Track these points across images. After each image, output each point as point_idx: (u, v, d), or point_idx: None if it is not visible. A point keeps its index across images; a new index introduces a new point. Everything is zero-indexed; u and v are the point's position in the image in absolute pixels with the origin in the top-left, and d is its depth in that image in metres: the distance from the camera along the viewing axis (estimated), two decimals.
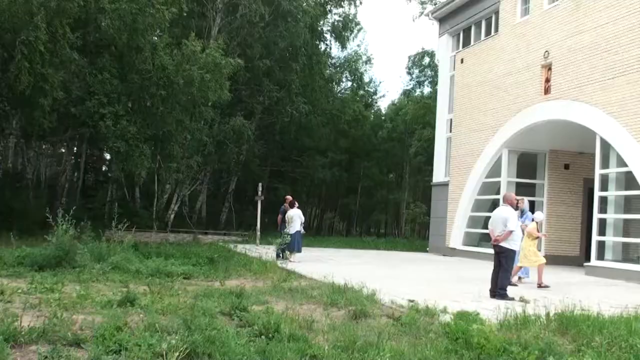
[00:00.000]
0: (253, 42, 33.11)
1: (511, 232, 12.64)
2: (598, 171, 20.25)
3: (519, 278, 16.29)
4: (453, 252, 27.50)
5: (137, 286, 11.17)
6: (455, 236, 27.79)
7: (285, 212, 20.93)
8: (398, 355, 6.69)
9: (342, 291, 11.20)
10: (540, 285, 14.91)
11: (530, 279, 16.31)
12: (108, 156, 36.59)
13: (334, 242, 32.81)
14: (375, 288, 11.45)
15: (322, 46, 43.05)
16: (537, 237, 16.11)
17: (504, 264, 12.75)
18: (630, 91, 18.66)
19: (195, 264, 15.60)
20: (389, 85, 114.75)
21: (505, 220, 12.72)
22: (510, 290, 12.81)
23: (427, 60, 49.66)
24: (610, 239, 19.78)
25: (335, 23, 42.72)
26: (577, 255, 24.53)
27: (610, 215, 19.85)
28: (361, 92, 49.96)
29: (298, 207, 20.85)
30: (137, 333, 6.95)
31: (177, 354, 6.14)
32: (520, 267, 15.83)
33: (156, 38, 24.79)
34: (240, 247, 22.67)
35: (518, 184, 25.27)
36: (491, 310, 9.74)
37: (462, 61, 28.79)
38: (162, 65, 23.39)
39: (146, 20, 22.25)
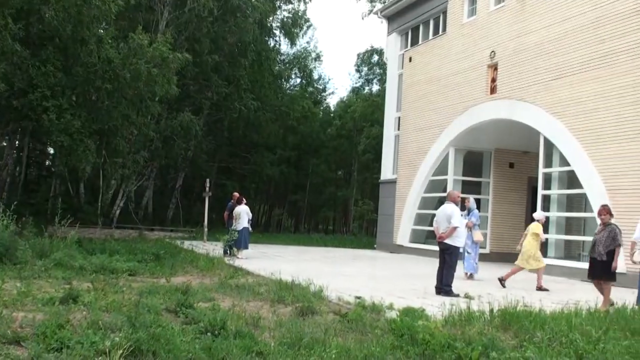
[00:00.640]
0: (201, 36, 32.77)
1: (455, 228, 12.81)
2: (541, 170, 20.67)
3: (470, 274, 16.48)
4: (400, 249, 27.73)
5: (80, 283, 10.97)
6: (403, 233, 28.03)
7: (232, 209, 20.79)
8: (344, 352, 6.70)
9: (289, 288, 11.20)
10: (540, 288, 14.61)
11: (479, 276, 16.59)
12: (51, 150, 35.75)
13: (282, 239, 32.78)
14: (322, 285, 11.48)
15: (272, 42, 42.95)
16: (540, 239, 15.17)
17: (448, 261, 12.90)
18: (572, 92, 19.09)
19: (140, 261, 15.39)
20: (338, 82, 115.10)
21: (449, 217, 12.89)
22: (455, 286, 12.96)
23: (376, 58, 49.98)
24: (552, 236, 20.18)
25: (285, 19, 42.64)
26: None
27: (553, 214, 20.26)
28: (310, 89, 50.02)
29: (246, 204, 20.75)
30: (79, 331, 6.84)
31: (121, 351, 6.03)
32: (521, 269, 15.09)
33: (102, 31, 24.29)
34: (187, 244, 22.45)
35: (464, 182, 25.64)
36: (436, 307, 9.86)
37: (410, 60, 29.02)
38: (108, 59, 22.96)
39: (91, 12, 21.78)
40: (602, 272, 11.66)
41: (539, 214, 15.76)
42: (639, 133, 16.88)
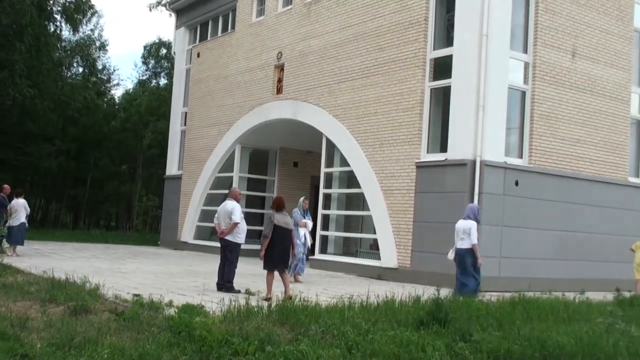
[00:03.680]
0: None
1: (236, 224, 12.93)
2: (323, 170, 21.43)
3: (294, 276, 16.05)
4: (184, 246, 27.44)
5: None
6: (187, 230, 27.77)
7: (2, 203, 19.38)
8: (118, 351, 6.50)
9: (62, 286, 10.60)
10: None
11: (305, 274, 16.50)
12: None
13: (59, 235, 31.09)
14: (99, 282, 11.04)
15: (52, 27, 40.45)
16: None
17: (229, 257, 12.99)
18: (353, 96, 19.98)
19: None
20: (124, 73, 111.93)
21: (230, 213, 12.98)
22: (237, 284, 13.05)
23: (164, 51, 49.07)
24: (332, 233, 21.04)
25: (67, 4, 40.26)
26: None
27: (333, 212, 21.11)
28: (94, 78, 47.79)
29: (24, 197, 19.50)
30: None
31: None
32: None
33: None
34: None
35: (250, 180, 26.00)
36: (216, 303, 9.83)
37: (198, 55, 28.84)
38: None
39: None
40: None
41: None
42: (412, 138, 18.03)
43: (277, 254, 12.08)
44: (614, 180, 19.40)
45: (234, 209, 13.01)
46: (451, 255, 13.81)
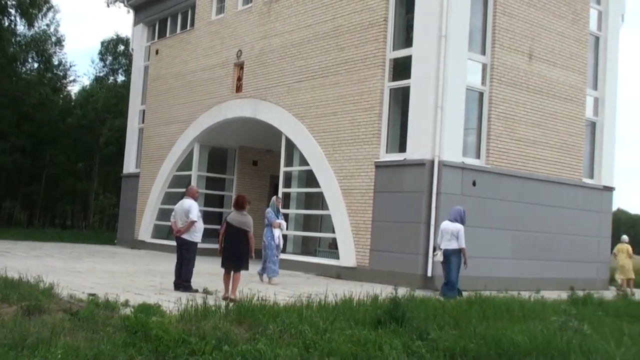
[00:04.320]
0: None
1: (193, 223, 12.81)
2: (282, 169, 21.38)
3: (260, 275, 15.80)
4: (142, 245, 27.14)
5: None
6: (145, 229, 27.47)
7: None
8: (72, 351, 6.38)
9: (15, 286, 10.37)
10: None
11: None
12: None
13: (13, 234, 30.53)
14: (53, 282, 10.81)
15: (6, 22, 39.65)
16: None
17: (186, 256, 12.85)
18: (313, 96, 19.97)
19: None
20: (81, 69, 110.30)
21: (187, 212, 12.86)
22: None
23: (121, 47, 48.46)
24: (292, 232, 20.97)
25: None
26: None
27: (293, 211, 21.06)
28: (49, 74, 47.01)
29: None
30: None
31: None
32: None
33: None
34: None
35: (209, 178, 25.83)
36: (173, 302, 9.74)
37: (157, 52, 28.54)
38: None
39: None
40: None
41: (626, 238, 21.10)
42: (371, 137, 18.09)
43: (226, 252, 12.05)
44: (569, 181, 19.75)
45: (191, 207, 12.89)
46: (440, 257, 14.22)
